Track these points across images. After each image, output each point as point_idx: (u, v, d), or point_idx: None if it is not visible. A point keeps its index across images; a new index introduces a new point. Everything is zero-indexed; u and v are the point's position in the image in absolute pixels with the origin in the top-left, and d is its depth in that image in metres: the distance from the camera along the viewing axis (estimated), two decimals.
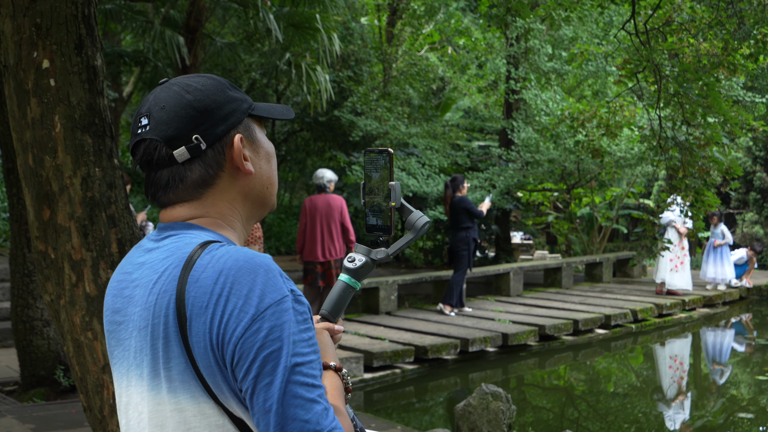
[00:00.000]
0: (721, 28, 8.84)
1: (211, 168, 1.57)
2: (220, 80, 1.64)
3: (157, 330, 1.47)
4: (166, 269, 1.50)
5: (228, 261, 1.44)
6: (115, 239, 3.79)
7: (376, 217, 1.82)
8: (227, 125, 1.59)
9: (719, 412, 8.65)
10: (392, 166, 1.80)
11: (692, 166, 8.71)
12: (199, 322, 1.42)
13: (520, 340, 10.86)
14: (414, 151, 17.23)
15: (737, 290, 16.29)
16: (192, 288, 1.43)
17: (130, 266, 1.62)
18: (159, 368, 1.47)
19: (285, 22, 13.23)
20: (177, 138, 1.55)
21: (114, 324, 1.61)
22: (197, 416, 1.45)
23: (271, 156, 1.70)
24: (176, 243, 1.54)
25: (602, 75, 17.49)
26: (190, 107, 1.56)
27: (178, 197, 1.59)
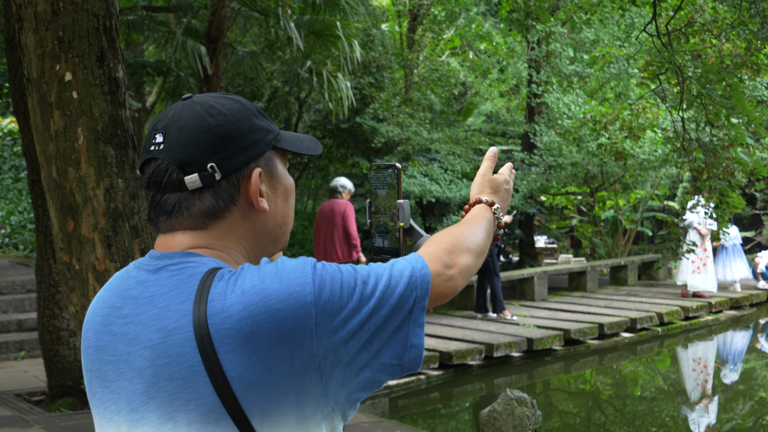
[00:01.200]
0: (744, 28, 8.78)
1: (223, 200, 1.45)
2: (247, 105, 1.51)
3: (168, 370, 1.35)
4: (170, 304, 1.38)
5: (246, 279, 1.35)
6: (139, 250, 3.82)
7: (383, 239, 1.71)
8: (247, 157, 1.47)
9: (747, 416, 8.58)
10: (400, 182, 1.69)
11: (716, 168, 8.65)
12: (245, 352, 1.31)
13: (545, 345, 10.82)
14: (436, 157, 17.23)
15: (764, 292, 16.15)
16: (219, 320, 1.31)
17: (117, 299, 1.47)
18: (174, 411, 1.35)
19: (306, 30, 13.27)
20: (191, 163, 1.42)
21: (99, 362, 1.46)
22: None
23: (290, 193, 1.57)
24: (178, 275, 1.41)
25: (624, 77, 17.42)
26: (210, 132, 1.44)
27: (182, 225, 1.46)
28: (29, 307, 10.73)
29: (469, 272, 1.55)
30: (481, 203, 1.71)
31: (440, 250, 1.52)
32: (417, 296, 1.43)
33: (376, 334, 1.39)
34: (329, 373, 1.35)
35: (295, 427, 1.36)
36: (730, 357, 11.87)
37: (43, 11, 3.70)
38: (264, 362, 1.31)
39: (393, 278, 1.42)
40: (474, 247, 1.58)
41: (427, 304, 1.44)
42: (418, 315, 1.43)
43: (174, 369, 1.34)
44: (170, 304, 1.37)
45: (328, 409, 1.38)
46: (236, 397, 1.31)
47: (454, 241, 1.56)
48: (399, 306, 1.40)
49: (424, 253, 1.51)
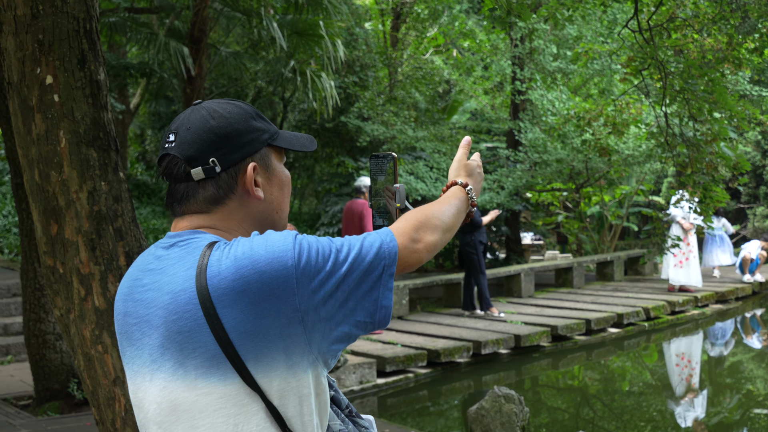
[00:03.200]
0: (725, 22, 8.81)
1: (223, 189, 1.74)
2: (247, 109, 1.79)
3: (177, 324, 1.60)
4: (178, 271, 1.64)
5: (238, 248, 1.60)
6: (123, 252, 3.80)
7: (383, 219, 1.95)
8: (243, 153, 1.75)
9: (735, 408, 8.62)
10: (396, 169, 1.91)
11: (700, 162, 8.68)
12: (238, 306, 1.56)
13: (533, 341, 10.84)
14: (422, 155, 17.23)
15: (750, 285, 16.24)
16: (216, 281, 1.57)
17: (139, 273, 1.75)
18: (184, 358, 1.60)
19: (289, 30, 13.25)
20: (196, 158, 1.72)
21: (126, 326, 1.74)
22: (222, 398, 1.59)
23: (285, 184, 1.85)
24: (185, 248, 1.68)
25: (608, 73, 17.46)
26: (212, 132, 1.73)
27: (190, 209, 1.75)
28: (15, 311, 10.68)
29: (435, 247, 1.78)
30: (456, 185, 1.96)
31: (409, 226, 1.75)
32: (385, 264, 1.67)
33: (351, 294, 1.63)
34: (312, 327, 1.60)
35: (285, 371, 1.60)
36: (716, 351, 11.92)
37: (22, 14, 3.68)
38: (254, 315, 1.56)
39: (363, 248, 1.66)
40: (441, 224, 1.82)
41: (395, 272, 1.68)
42: (387, 280, 1.67)
43: (182, 323, 1.60)
44: (178, 271, 1.64)
45: (312, 357, 1.63)
46: (233, 345, 1.56)
47: (423, 218, 1.78)
48: (369, 272, 1.65)
49: (395, 228, 1.75)
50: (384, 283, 1.66)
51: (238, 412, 1.59)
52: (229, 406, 1.59)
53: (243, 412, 1.59)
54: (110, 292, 3.73)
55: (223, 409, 1.59)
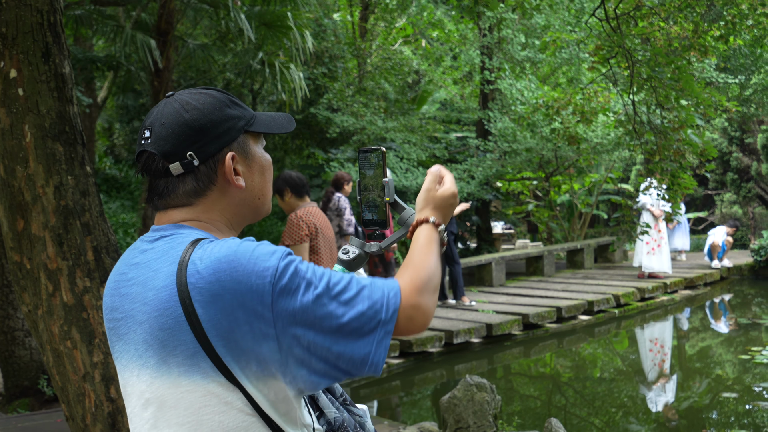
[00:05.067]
0: (691, 11, 8.88)
1: (203, 182, 1.73)
2: (220, 98, 1.77)
3: (159, 321, 1.60)
4: (161, 267, 1.63)
5: (222, 248, 1.59)
6: (91, 247, 3.77)
7: (372, 213, 1.94)
8: (220, 143, 1.73)
9: (705, 393, 8.71)
10: (385, 163, 1.90)
11: (667, 150, 8.74)
12: (216, 307, 1.54)
13: (504, 330, 10.89)
14: (392, 146, 17.21)
15: (718, 271, 16.40)
16: (195, 279, 1.56)
17: (125, 267, 1.74)
18: (166, 355, 1.60)
19: (257, 21, 13.17)
20: (173, 153, 1.70)
21: (114, 321, 1.73)
22: (206, 396, 1.58)
23: (266, 169, 1.84)
24: (169, 243, 1.68)
25: (576, 62, 17.54)
26: (186, 126, 1.70)
27: (172, 203, 1.74)
28: None
29: (431, 312, 1.69)
30: (428, 223, 1.85)
31: (414, 289, 1.66)
32: (381, 320, 1.60)
33: (335, 336, 1.58)
34: (288, 350, 1.57)
35: (256, 380, 1.59)
36: (686, 336, 12.03)
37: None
38: (228, 321, 1.55)
39: (361, 294, 1.61)
40: (437, 284, 1.74)
41: (392, 330, 1.61)
42: (383, 338, 1.60)
43: (163, 320, 1.59)
44: (161, 267, 1.63)
45: (288, 378, 1.60)
46: (212, 343, 1.55)
47: (425, 278, 1.70)
48: (361, 322, 1.59)
49: (400, 281, 1.67)
50: (378, 340, 1.59)
51: (223, 410, 1.59)
52: (213, 403, 1.59)
53: (227, 410, 1.59)
54: (78, 287, 3.71)
55: (208, 406, 1.59)
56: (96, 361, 3.70)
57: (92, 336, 3.71)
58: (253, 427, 1.61)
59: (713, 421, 7.67)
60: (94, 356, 3.70)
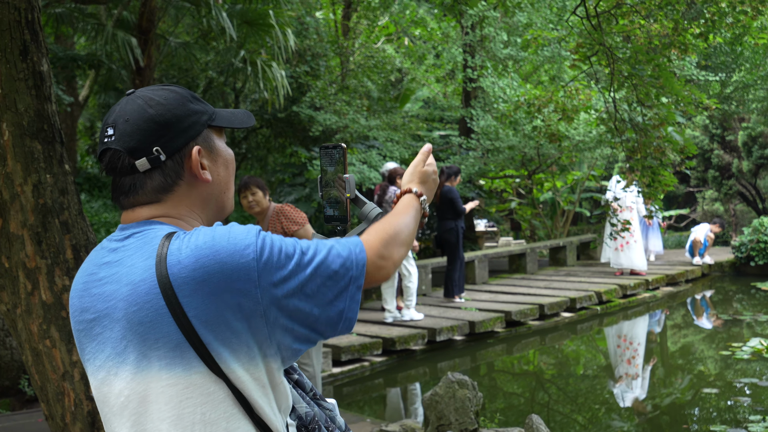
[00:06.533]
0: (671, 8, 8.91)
1: (170, 177, 1.72)
2: (182, 93, 1.77)
3: (138, 316, 1.59)
4: (137, 263, 1.63)
5: (199, 237, 1.60)
6: (70, 245, 3.76)
7: (333, 209, 1.95)
8: (186, 138, 1.73)
9: (687, 389, 8.76)
10: (346, 159, 1.93)
11: (648, 147, 8.78)
12: (199, 296, 1.55)
13: (487, 327, 10.91)
14: (375, 144, 17.21)
15: (699, 268, 16.48)
16: (177, 270, 1.56)
17: (94, 267, 1.72)
18: (146, 350, 1.59)
19: (238, 20, 13.15)
20: (139, 149, 1.69)
21: (84, 323, 1.70)
22: (188, 388, 1.59)
23: (229, 163, 1.85)
24: (142, 239, 1.67)
25: (558, 60, 17.59)
26: (151, 121, 1.70)
27: (139, 201, 1.73)
28: None
29: (400, 262, 1.80)
30: (411, 193, 1.96)
31: (378, 241, 1.76)
32: (353, 275, 1.67)
33: (315, 299, 1.63)
34: (274, 322, 1.60)
35: (247, 361, 1.60)
36: (668, 333, 12.09)
37: None
38: (216, 306, 1.56)
39: (331, 255, 1.66)
40: (406, 239, 1.83)
41: (363, 284, 1.68)
42: (354, 293, 1.67)
43: (143, 314, 1.58)
44: (136, 262, 1.63)
45: (273, 351, 1.62)
46: (197, 333, 1.55)
47: (392, 232, 1.79)
48: (335, 280, 1.65)
49: (364, 239, 1.75)
50: (351, 295, 1.67)
51: (205, 401, 1.59)
52: (195, 395, 1.59)
53: (210, 401, 1.59)
54: (57, 285, 3.69)
55: (190, 398, 1.59)
56: (75, 359, 3.68)
57: (71, 335, 3.70)
58: (234, 418, 1.61)
59: (695, 417, 7.71)
60: (73, 355, 3.69)
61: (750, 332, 11.14)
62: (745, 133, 23.42)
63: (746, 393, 8.16)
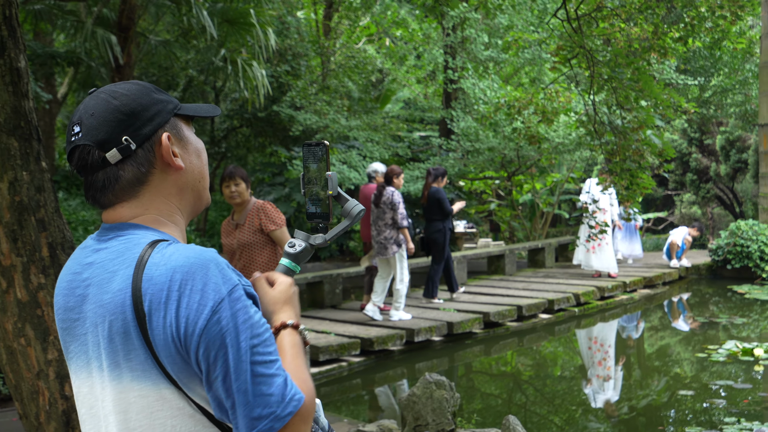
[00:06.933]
0: (651, 12, 8.97)
1: (143, 166, 1.70)
2: (145, 85, 1.77)
3: (115, 325, 1.58)
4: (118, 269, 1.62)
5: (179, 258, 1.57)
6: (46, 243, 3.73)
7: (315, 206, 1.94)
8: (154, 125, 1.71)
9: (663, 391, 8.80)
10: (329, 157, 1.92)
11: (627, 150, 8.83)
12: (158, 316, 1.54)
13: (465, 328, 10.93)
14: (355, 144, 17.21)
15: (676, 270, 16.57)
16: (147, 285, 1.55)
17: (78, 266, 1.71)
18: (119, 359, 1.59)
19: (219, 18, 13.11)
20: (108, 141, 1.67)
21: (68, 321, 1.71)
22: (159, 401, 1.58)
23: (201, 152, 1.83)
24: (124, 244, 1.66)
25: (539, 62, 17.66)
26: (117, 111, 1.68)
27: (116, 197, 1.71)
28: None
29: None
30: (289, 328, 1.75)
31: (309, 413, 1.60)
32: (276, 414, 1.54)
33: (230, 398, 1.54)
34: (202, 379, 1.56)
35: (201, 386, 1.58)
36: (644, 335, 12.15)
37: None
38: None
39: (276, 377, 1.55)
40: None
41: (278, 429, 1.54)
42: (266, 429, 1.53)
43: (119, 324, 1.58)
44: (118, 269, 1.62)
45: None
46: (157, 352, 1.55)
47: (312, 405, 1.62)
48: (263, 398, 1.53)
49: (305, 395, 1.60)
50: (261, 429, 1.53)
51: (175, 414, 1.59)
52: (165, 408, 1.59)
53: (180, 414, 1.59)
54: (32, 283, 3.67)
55: (160, 411, 1.59)
56: (50, 358, 3.66)
57: (46, 333, 3.67)
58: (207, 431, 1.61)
59: (671, 419, 7.75)
60: (48, 354, 3.66)
61: (726, 335, 11.21)
62: (723, 137, 23.58)
63: (721, 395, 8.21)
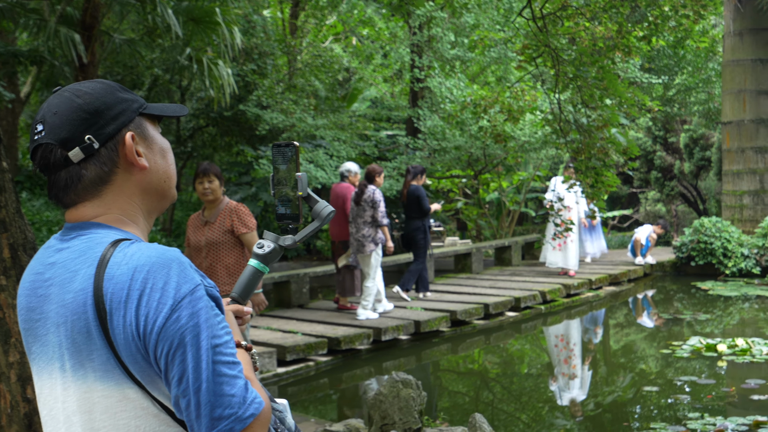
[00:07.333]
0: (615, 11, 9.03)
1: (106, 165, 1.68)
2: (110, 84, 1.75)
3: (77, 325, 1.57)
4: (80, 268, 1.60)
5: (141, 257, 1.56)
6: (7, 244, 3.69)
7: (285, 207, 1.93)
8: (118, 124, 1.70)
9: (628, 387, 8.88)
10: (298, 157, 1.92)
11: (592, 148, 8.89)
12: (119, 315, 1.53)
13: (432, 327, 10.95)
14: (321, 143, 17.18)
15: (641, 267, 16.72)
16: (109, 285, 1.54)
17: (40, 266, 1.70)
18: (83, 359, 1.58)
19: (184, 17, 13.01)
20: (71, 140, 1.65)
21: (30, 321, 1.70)
22: (122, 401, 1.57)
23: (166, 151, 1.81)
24: (87, 243, 1.64)
25: (505, 61, 17.73)
26: (80, 110, 1.66)
27: (79, 197, 1.69)
28: None
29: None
30: (240, 347, 1.77)
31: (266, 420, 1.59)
32: (237, 415, 1.53)
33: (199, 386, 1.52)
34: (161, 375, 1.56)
35: (162, 386, 1.58)
36: (610, 332, 12.24)
37: None
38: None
39: (238, 379, 1.55)
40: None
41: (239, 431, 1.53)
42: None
43: (81, 324, 1.57)
44: (80, 268, 1.60)
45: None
46: (118, 351, 1.54)
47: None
48: (222, 400, 1.52)
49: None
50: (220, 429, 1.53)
51: (139, 414, 1.58)
52: (129, 408, 1.58)
53: (144, 414, 1.58)
54: None
55: (124, 411, 1.58)
56: (12, 361, 3.62)
57: (8, 335, 3.63)
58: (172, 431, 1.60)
59: (636, 415, 7.82)
60: (9, 356, 3.62)
61: (690, 331, 11.32)
62: (686, 135, 23.80)
63: (686, 391, 8.30)
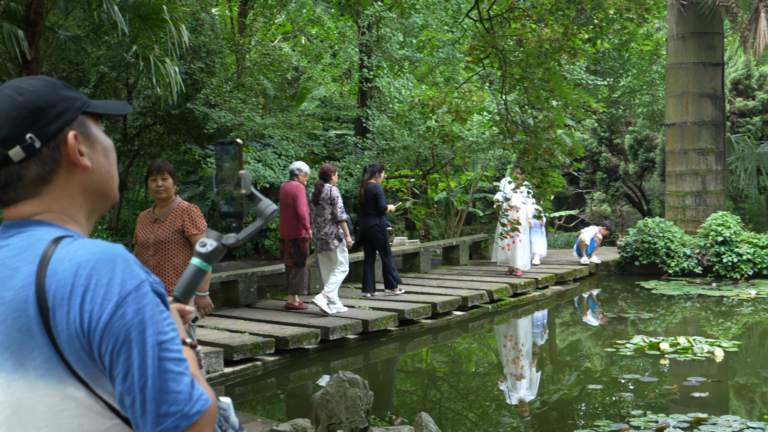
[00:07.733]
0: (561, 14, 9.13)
1: (48, 165, 1.65)
2: (52, 81, 1.71)
3: (17, 323, 1.54)
4: (20, 266, 1.57)
5: (85, 253, 1.54)
6: None
7: (229, 205, 1.92)
8: (60, 123, 1.66)
9: (574, 385, 8.98)
10: (242, 156, 1.91)
11: (538, 149, 8.98)
12: (62, 312, 1.50)
13: (380, 326, 10.98)
14: (270, 142, 17.13)
15: (587, 267, 16.93)
16: (52, 281, 1.52)
17: None
18: (24, 358, 1.54)
19: (131, 14, 12.88)
20: (11, 138, 1.62)
21: None
22: (65, 400, 1.54)
23: (109, 151, 1.78)
24: (27, 240, 1.61)
25: (453, 61, 17.82)
26: (21, 108, 1.63)
27: (19, 195, 1.66)
28: None
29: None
30: (186, 345, 1.74)
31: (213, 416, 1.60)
32: (183, 412, 1.52)
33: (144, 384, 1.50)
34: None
35: (106, 382, 1.55)
36: (556, 330, 12.37)
37: None
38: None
39: (184, 375, 1.53)
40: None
41: (185, 428, 1.52)
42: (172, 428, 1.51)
43: (21, 322, 1.53)
44: (20, 266, 1.57)
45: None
46: (61, 349, 1.52)
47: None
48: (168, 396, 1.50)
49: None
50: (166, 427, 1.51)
51: (82, 413, 1.55)
52: (72, 407, 1.54)
53: (87, 413, 1.55)
54: None
55: (66, 410, 1.54)
56: None
57: None
58: (114, 429, 1.58)
59: (581, 413, 7.91)
60: None
61: (634, 329, 11.49)
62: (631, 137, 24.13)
63: (629, 389, 8.42)
